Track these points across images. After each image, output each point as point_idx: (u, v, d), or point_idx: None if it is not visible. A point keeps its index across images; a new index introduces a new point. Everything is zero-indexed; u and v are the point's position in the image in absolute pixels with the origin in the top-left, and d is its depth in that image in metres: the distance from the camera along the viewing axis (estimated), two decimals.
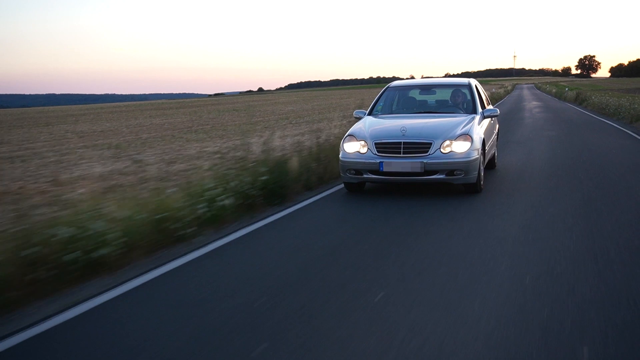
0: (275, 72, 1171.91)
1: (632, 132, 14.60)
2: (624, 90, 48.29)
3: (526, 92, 62.38)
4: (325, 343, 3.08)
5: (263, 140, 8.94)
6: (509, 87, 71.18)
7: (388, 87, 9.09)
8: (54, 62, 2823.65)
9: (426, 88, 9.23)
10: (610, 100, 24.06)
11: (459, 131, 6.96)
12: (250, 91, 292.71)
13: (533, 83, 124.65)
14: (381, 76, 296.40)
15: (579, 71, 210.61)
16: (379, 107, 8.53)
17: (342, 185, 7.66)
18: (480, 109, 8.00)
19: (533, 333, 3.09)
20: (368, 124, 7.60)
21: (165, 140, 20.57)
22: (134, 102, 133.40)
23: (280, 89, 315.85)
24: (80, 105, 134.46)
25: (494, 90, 50.60)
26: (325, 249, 4.90)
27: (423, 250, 4.78)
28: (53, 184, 7.56)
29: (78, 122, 38.50)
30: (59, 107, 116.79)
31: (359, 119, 8.20)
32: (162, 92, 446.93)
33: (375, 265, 4.37)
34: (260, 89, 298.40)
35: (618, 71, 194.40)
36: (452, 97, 8.65)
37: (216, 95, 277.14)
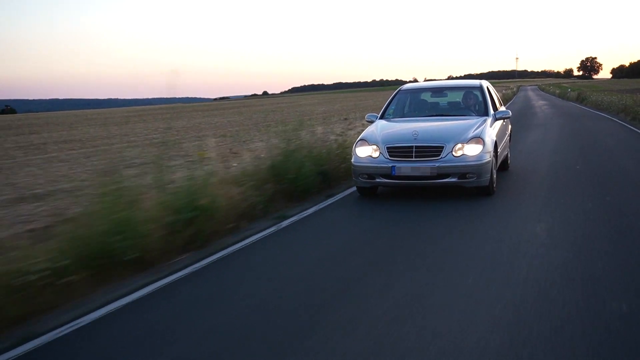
0: (277, 76, 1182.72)
1: (616, 119, 20.98)
2: (623, 91, 53.48)
3: (531, 94, 68.20)
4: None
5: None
6: (515, 89, 76.79)
7: (399, 90, 9.31)
8: (55, 67, 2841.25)
9: (437, 91, 9.55)
10: (604, 98, 30.56)
11: (470, 134, 7.11)
12: (255, 95, 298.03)
13: (536, 85, 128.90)
14: (384, 79, 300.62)
15: (580, 73, 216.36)
16: (390, 110, 8.73)
17: None
18: (492, 111, 8.19)
19: None
20: (380, 128, 7.80)
21: (259, 131, 26.84)
22: (163, 105, 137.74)
23: (284, 92, 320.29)
24: (104, 109, 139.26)
25: (504, 91, 56.67)
26: None
27: None
28: None
29: (148, 122, 44.66)
30: (91, 110, 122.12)
31: (371, 122, 8.46)
32: (164, 97, 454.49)
33: None
34: (265, 93, 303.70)
35: (619, 72, 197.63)
36: (464, 99, 8.86)
37: (221, 99, 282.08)
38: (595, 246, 5.03)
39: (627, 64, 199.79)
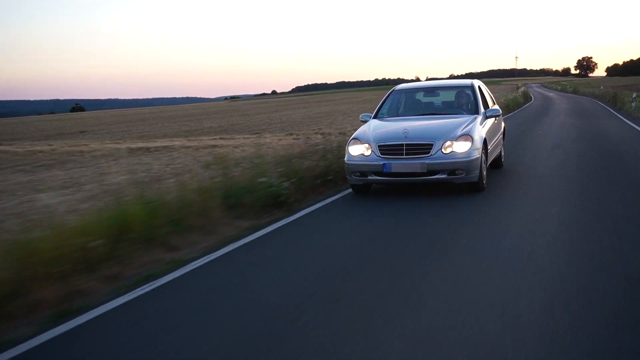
0: (280, 75, 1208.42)
1: (590, 97, 47.83)
2: (612, 86, 78.57)
3: (540, 90, 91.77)
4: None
5: None
6: (523, 88, 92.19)
7: (393, 90, 9.89)
8: (53, 68, 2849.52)
9: (430, 90, 10.27)
10: (588, 90, 57.84)
11: (459, 132, 7.70)
12: (264, 94, 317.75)
13: (539, 83, 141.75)
14: (386, 78, 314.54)
15: (577, 71, 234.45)
16: (384, 110, 9.30)
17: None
18: (482, 109, 8.75)
19: None
20: (372, 127, 8.39)
21: None
22: (207, 103, 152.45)
23: (289, 91, 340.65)
24: (151, 108, 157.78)
25: (516, 92, 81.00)
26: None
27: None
28: None
29: (275, 112, 69.25)
30: (134, 109, 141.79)
31: (365, 122, 8.97)
32: (165, 97, 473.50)
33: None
34: (274, 92, 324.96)
35: (613, 71, 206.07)
36: (456, 99, 9.49)
37: (232, 98, 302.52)
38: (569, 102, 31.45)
39: (620, 63, 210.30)
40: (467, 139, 7.64)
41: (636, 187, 8.24)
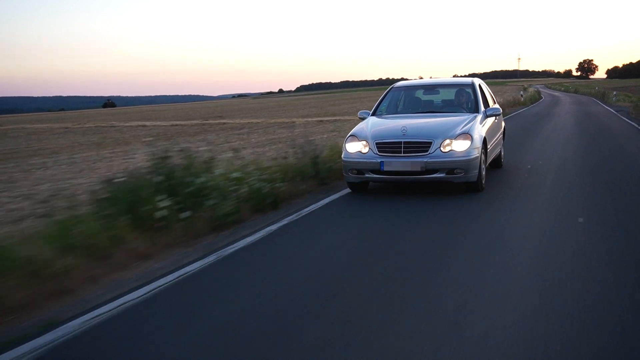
0: (284, 74, 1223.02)
1: (588, 96, 64.91)
2: (606, 88, 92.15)
3: (547, 90, 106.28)
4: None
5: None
6: (532, 88, 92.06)
7: (392, 87, 10.09)
8: (57, 64, 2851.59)
9: (430, 88, 10.30)
10: (586, 90, 75.41)
11: (458, 130, 7.81)
12: (271, 92, 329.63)
13: (543, 84, 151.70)
14: (390, 77, 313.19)
15: (579, 73, 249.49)
16: (382, 107, 9.48)
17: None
18: (482, 108, 8.89)
19: None
20: (371, 124, 8.51)
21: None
22: (219, 101, 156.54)
23: (294, 90, 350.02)
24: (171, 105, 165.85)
25: (521, 92, 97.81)
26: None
27: None
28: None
29: (332, 106, 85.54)
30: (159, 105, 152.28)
31: (363, 119, 9.12)
32: (167, 95, 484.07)
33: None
34: (281, 90, 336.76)
35: (613, 73, 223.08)
36: (456, 97, 9.59)
37: (239, 96, 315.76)
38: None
39: (620, 65, 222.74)
40: (467, 138, 7.73)
41: (596, 119, 24.82)
